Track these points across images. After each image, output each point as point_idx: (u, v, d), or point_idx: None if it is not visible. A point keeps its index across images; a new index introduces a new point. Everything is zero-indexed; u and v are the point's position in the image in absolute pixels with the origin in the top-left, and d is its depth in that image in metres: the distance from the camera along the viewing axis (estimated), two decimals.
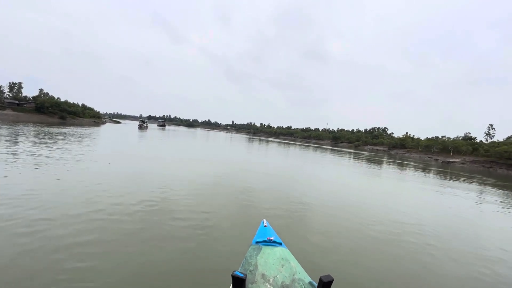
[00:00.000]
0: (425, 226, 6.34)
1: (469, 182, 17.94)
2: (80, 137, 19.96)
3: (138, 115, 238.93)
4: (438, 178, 18.81)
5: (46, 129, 25.04)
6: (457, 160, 42.21)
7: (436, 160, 46.00)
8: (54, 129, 26.17)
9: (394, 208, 7.90)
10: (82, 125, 45.06)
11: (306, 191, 8.86)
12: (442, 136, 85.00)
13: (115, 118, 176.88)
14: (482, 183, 18.63)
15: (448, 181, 16.98)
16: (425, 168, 26.94)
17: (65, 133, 22.41)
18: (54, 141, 15.08)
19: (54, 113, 49.29)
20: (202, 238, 4.34)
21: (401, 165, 27.65)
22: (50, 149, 11.78)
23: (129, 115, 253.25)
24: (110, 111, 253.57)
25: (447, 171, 26.27)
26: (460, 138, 70.06)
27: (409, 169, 23.60)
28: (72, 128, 31.61)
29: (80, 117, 55.74)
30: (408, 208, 8.02)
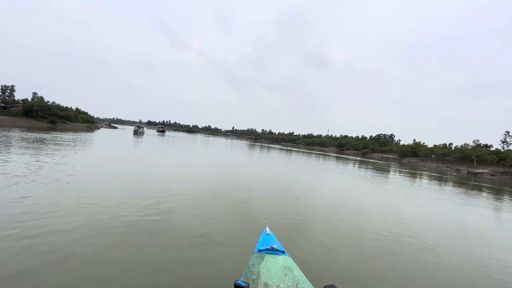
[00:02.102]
0: (439, 240, 5.92)
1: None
2: (58, 144, 16.58)
3: (138, 120, 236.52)
4: (471, 193, 15.20)
5: (25, 134, 21.63)
6: (485, 171, 38.13)
7: (458, 170, 41.90)
8: (35, 134, 22.73)
9: (407, 221, 7.26)
10: (73, 130, 41.90)
11: (310, 199, 8.58)
12: (450, 144, 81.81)
13: (115, 123, 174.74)
14: None
15: (481, 197, 13.43)
16: (451, 180, 23.29)
17: (44, 139, 19.05)
18: (15, 150, 11.70)
19: (43, 117, 46.14)
20: (203, 247, 4.17)
21: (421, 176, 24.02)
22: None
23: (129, 121, 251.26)
24: (110, 116, 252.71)
25: (478, 184, 22.57)
26: (469, 146, 66.87)
27: (431, 181, 20.03)
28: (60, 133, 28.11)
29: (72, 121, 52.48)
30: (426, 223, 7.41)
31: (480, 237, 6.70)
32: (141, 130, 51.72)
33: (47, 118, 46.35)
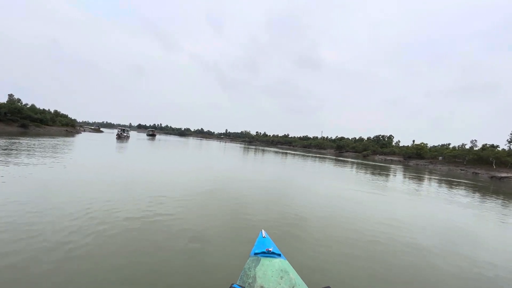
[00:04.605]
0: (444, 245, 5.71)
1: None
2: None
3: (128, 124, 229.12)
4: None
5: None
6: (510, 175, 34.26)
7: (475, 173, 38.65)
8: None
9: (410, 226, 6.87)
10: (49, 134, 37.12)
11: (306, 203, 8.41)
12: (448, 144, 79.68)
13: (104, 127, 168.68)
14: None
15: None
16: (484, 188, 19.69)
17: None
18: None
19: (13, 121, 41.10)
20: (198, 251, 4.14)
21: (441, 182, 20.41)
22: None
23: (119, 124, 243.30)
24: (100, 120, 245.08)
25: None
26: (466, 146, 64.64)
27: (462, 188, 16.43)
28: (27, 139, 23.32)
29: (48, 125, 47.46)
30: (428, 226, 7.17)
31: None
32: (125, 134, 46.56)
33: (18, 122, 41.33)
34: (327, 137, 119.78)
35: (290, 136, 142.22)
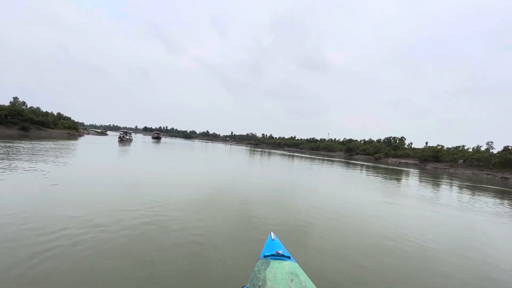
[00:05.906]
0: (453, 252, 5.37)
1: None
2: None
3: (134, 126, 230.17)
4: None
5: None
6: None
7: (505, 178, 35.30)
8: None
9: (415, 228, 6.78)
10: (50, 137, 36.06)
11: (315, 205, 8.28)
12: (463, 146, 76.34)
13: (111, 129, 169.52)
14: None
15: None
16: None
17: None
18: None
19: (14, 124, 40.01)
20: (208, 254, 4.09)
21: (463, 187, 17.74)
22: None
23: (126, 127, 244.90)
24: (106, 123, 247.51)
25: None
26: (482, 148, 61.35)
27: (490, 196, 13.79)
28: (24, 142, 21.90)
29: (50, 128, 46.27)
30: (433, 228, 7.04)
31: None
32: (127, 137, 44.78)
33: (19, 124, 40.20)
34: (335, 139, 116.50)
35: (296, 138, 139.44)
